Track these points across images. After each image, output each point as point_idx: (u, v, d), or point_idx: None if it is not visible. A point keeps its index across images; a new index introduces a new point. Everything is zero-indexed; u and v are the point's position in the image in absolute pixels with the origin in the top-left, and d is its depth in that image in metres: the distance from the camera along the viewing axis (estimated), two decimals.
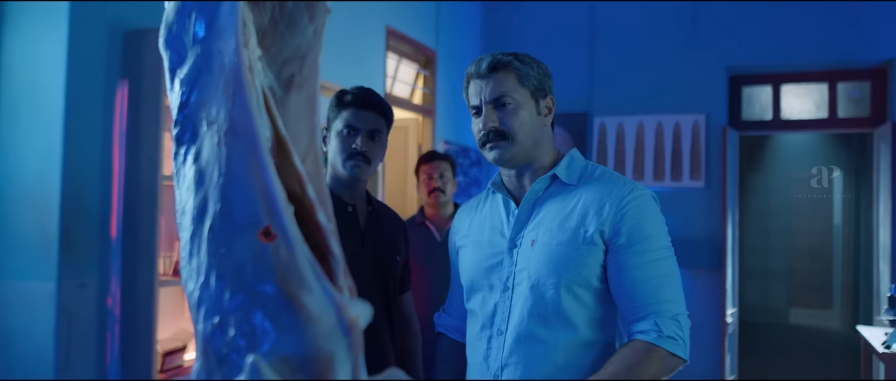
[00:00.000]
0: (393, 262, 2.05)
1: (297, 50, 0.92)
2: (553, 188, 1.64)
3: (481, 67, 1.61)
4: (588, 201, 1.58)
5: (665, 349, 1.47)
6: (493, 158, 1.61)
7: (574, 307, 1.55)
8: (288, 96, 0.93)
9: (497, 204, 1.72)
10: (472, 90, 1.63)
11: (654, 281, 1.51)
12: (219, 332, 0.79)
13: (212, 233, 0.82)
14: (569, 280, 1.54)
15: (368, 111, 1.93)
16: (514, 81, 1.60)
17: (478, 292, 1.67)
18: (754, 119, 5.99)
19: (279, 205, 0.78)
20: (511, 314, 1.59)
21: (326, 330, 0.74)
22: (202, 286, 0.81)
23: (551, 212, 1.60)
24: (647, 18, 5.89)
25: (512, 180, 1.68)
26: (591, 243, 1.54)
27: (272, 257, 0.77)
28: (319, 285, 0.75)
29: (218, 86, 0.83)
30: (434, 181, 3.46)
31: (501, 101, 1.59)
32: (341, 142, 1.91)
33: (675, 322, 1.50)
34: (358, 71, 4.52)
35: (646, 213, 1.56)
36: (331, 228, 0.84)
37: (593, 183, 1.61)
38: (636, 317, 1.51)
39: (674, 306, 1.52)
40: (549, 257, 1.55)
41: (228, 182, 0.81)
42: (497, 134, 1.59)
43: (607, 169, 1.67)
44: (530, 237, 1.60)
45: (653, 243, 1.54)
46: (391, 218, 2.13)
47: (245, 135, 0.81)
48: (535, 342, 1.56)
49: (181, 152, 0.88)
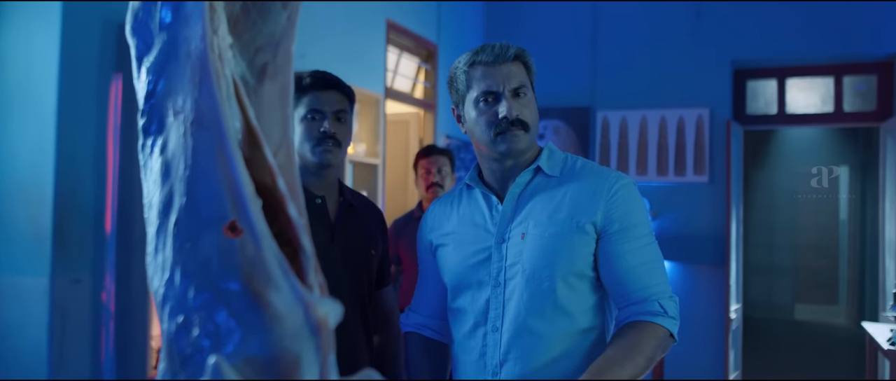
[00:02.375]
0: (366, 256, 1.95)
1: (271, 37, 0.88)
2: (537, 181, 1.63)
3: (506, 54, 1.59)
4: (577, 191, 1.59)
5: (667, 328, 1.51)
6: (507, 149, 1.59)
7: (570, 297, 1.56)
8: (261, 86, 0.89)
9: (476, 200, 1.70)
10: (483, 76, 1.59)
11: (647, 265, 1.55)
12: (183, 332, 0.75)
13: (177, 228, 0.78)
14: (564, 271, 1.54)
15: (331, 92, 1.85)
16: (525, 72, 1.62)
17: (466, 290, 1.65)
18: (759, 113, 5.93)
19: (246, 199, 0.74)
20: (505, 309, 1.57)
21: (293, 330, 0.70)
22: (167, 284, 0.78)
23: (539, 204, 1.60)
24: (651, 11, 5.84)
25: (497, 174, 1.66)
26: (583, 232, 1.55)
27: (238, 253, 0.73)
28: (287, 282, 0.72)
29: (184, 74, 0.80)
30: (432, 176, 3.42)
31: (520, 91, 1.59)
32: (307, 127, 1.83)
33: (673, 303, 1.54)
34: (358, 65, 4.48)
35: (633, 201, 1.59)
36: (302, 223, 0.80)
37: (578, 175, 1.62)
38: (635, 299, 1.53)
39: (667, 287, 1.56)
40: (542, 248, 1.55)
41: (194, 175, 0.78)
42: (519, 123, 1.57)
43: (587, 160, 1.68)
44: (519, 231, 1.59)
45: (641, 230, 1.57)
46: (366, 209, 2.03)
47: (212, 125, 0.77)
48: (533, 335, 1.55)
49: (148, 144, 0.85)
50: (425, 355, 1.78)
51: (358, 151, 4.37)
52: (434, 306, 1.78)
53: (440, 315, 1.78)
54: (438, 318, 1.78)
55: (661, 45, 5.79)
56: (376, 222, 2.06)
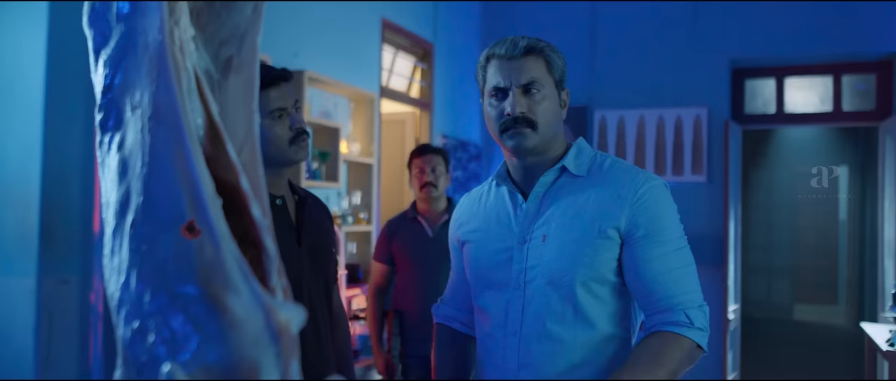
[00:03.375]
0: (330, 255, 1.91)
1: (235, 29, 0.84)
2: (562, 181, 1.57)
3: (516, 49, 1.53)
4: (602, 193, 1.53)
5: (693, 340, 1.45)
6: (513, 146, 1.54)
7: (591, 303, 1.51)
8: (226, 81, 0.86)
9: (502, 197, 1.65)
10: (496, 71, 1.55)
11: (675, 272, 1.48)
12: (138, 338, 0.72)
13: (134, 228, 0.75)
14: (585, 276, 1.49)
15: (285, 85, 1.78)
16: (543, 67, 1.54)
17: (487, 290, 1.61)
18: (757, 113, 5.90)
19: (205, 198, 0.71)
20: (525, 312, 1.53)
21: (253, 336, 0.67)
22: (123, 287, 0.74)
23: (563, 206, 1.54)
24: (649, 10, 5.80)
25: (519, 172, 1.61)
26: (606, 237, 1.49)
27: (195, 255, 0.70)
28: (247, 285, 0.68)
29: (142, 67, 0.76)
30: (426, 175, 3.38)
31: (531, 87, 1.53)
32: (277, 125, 1.75)
33: (701, 313, 1.48)
34: (352, 64, 4.45)
35: (662, 203, 1.52)
36: (266, 223, 0.76)
37: (605, 175, 1.56)
38: (661, 308, 1.48)
39: (697, 296, 1.49)
40: (563, 252, 1.50)
41: (152, 173, 0.74)
42: (524, 121, 1.51)
43: (617, 159, 1.61)
44: (541, 232, 1.54)
45: (670, 234, 1.51)
46: (319, 206, 1.97)
47: (170, 121, 0.74)
48: (553, 341, 1.51)
49: (105, 140, 0.81)
50: (452, 347, 1.77)
51: (352, 151, 4.34)
52: (463, 299, 1.77)
53: (469, 309, 1.75)
54: (468, 312, 1.76)
55: (659, 45, 5.75)
56: (328, 218, 2.01)
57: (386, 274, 3.45)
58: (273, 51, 3.64)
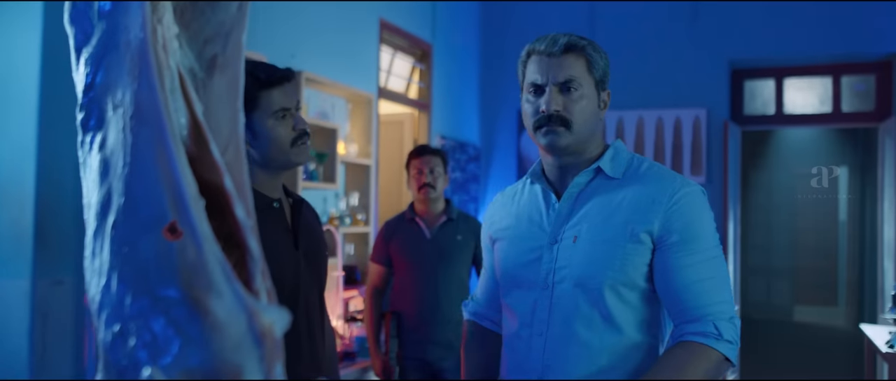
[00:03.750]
0: (323, 259, 1.90)
1: (220, 27, 0.83)
2: (597, 182, 1.55)
3: (555, 46, 1.51)
4: (636, 197, 1.50)
5: (721, 352, 1.42)
6: (547, 144, 1.52)
7: (619, 308, 1.48)
8: (210, 79, 0.84)
9: (536, 196, 1.63)
10: (535, 67, 1.53)
11: (707, 281, 1.45)
12: (119, 341, 0.70)
13: (115, 230, 0.73)
14: (614, 280, 1.46)
15: (288, 85, 1.76)
16: (583, 66, 1.51)
17: (516, 289, 1.59)
18: (757, 114, 5.88)
19: (187, 198, 0.69)
20: (552, 314, 1.51)
21: (235, 340, 0.65)
22: (103, 290, 0.73)
23: (595, 207, 1.52)
24: (647, 11, 5.79)
25: (554, 171, 1.59)
26: (638, 242, 1.47)
27: (177, 256, 0.68)
28: (229, 288, 0.67)
29: (123, 65, 0.75)
30: (424, 176, 3.36)
31: (569, 85, 1.50)
32: (279, 127, 1.72)
33: (731, 325, 1.44)
34: (350, 64, 4.43)
35: (698, 210, 1.49)
36: (250, 224, 0.75)
37: (641, 178, 1.53)
38: (690, 318, 1.45)
39: (728, 307, 1.46)
40: (593, 255, 1.48)
41: (133, 173, 0.72)
42: (559, 119, 1.49)
43: (654, 162, 1.59)
44: (572, 233, 1.51)
45: (705, 242, 1.47)
46: (310, 209, 1.96)
47: (152, 120, 0.72)
48: (579, 344, 1.49)
49: (87, 140, 0.79)
50: (482, 346, 1.76)
51: (350, 152, 4.32)
52: (494, 297, 1.75)
53: (499, 307, 1.73)
54: (498, 310, 1.75)
55: (658, 45, 5.73)
56: (318, 221, 1.99)
57: (383, 275, 3.44)
58: (269, 51, 3.63)
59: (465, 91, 5.98)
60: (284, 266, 1.71)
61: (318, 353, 1.83)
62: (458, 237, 3.35)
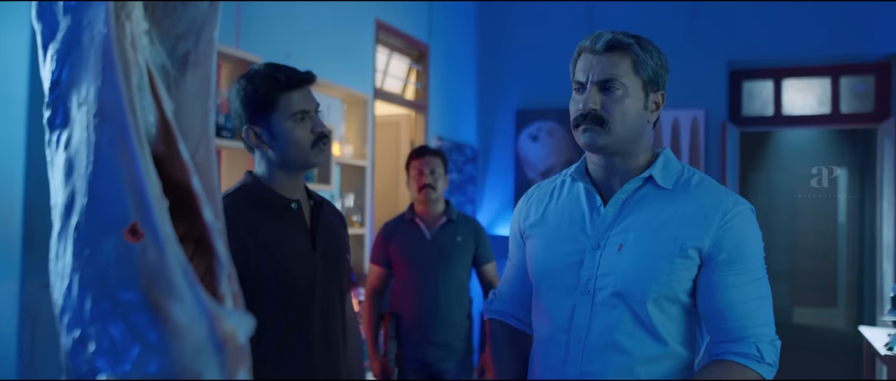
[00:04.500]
0: (344, 261, 1.91)
1: (192, 24, 0.81)
2: (646, 190, 1.52)
3: (598, 44, 1.48)
4: (688, 210, 1.47)
5: (761, 374, 1.42)
6: (585, 143, 1.49)
7: (662, 321, 1.46)
8: (183, 77, 0.82)
9: (578, 195, 1.58)
10: (581, 65, 1.51)
11: (752, 303, 1.44)
12: (79, 347, 0.68)
13: (78, 231, 0.71)
14: (658, 293, 1.44)
15: (308, 88, 1.79)
16: (628, 66, 1.47)
17: (552, 291, 1.55)
18: (755, 115, 5.85)
19: (150, 199, 0.67)
20: (592, 321, 1.48)
21: (195, 345, 0.63)
22: (65, 293, 0.71)
23: (643, 217, 1.49)
24: (645, 11, 5.77)
25: (600, 172, 1.55)
26: (685, 257, 1.44)
27: (138, 259, 0.66)
28: (191, 292, 0.65)
29: (88, 61, 0.73)
30: (425, 177, 3.34)
31: (609, 84, 1.46)
32: (298, 129, 1.75)
33: (773, 348, 1.44)
34: (345, 65, 4.41)
35: (749, 230, 1.47)
36: (217, 226, 0.73)
37: (693, 191, 1.50)
38: (732, 337, 1.44)
39: (770, 330, 1.45)
40: (639, 265, 1.45)
41: (96, 172, 0.70)
42: (595, 118, 1.46)
43: (704, 176, 1.55)
44: (618, 241, 1.48)
45: (753, 263, 1.46)
46: (334, 212, 1.98)
47: (115, 118, 0.70)
48: (619, 353, 1.46)
49: (53, 139, 0.77)
50: (511, 345, 1.72)
51: (345, 153, 4.30)
52: (520, 295, 1.72)
53: (526, 306, 1.70)
54: (524, 308, 1.72)
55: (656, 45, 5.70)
56: (342, 223, 2.01)
57: (382, 277, 3.42)
58: (264, 51, 3.61)
59: (462, 92, 5.96)
60: (300, 266, 1.74)
61: (335, 353, 1.83)
62: (458, 238, 3.33)
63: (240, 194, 1.79)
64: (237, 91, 1.78)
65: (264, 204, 1.77)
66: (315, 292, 1.77)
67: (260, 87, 1.74)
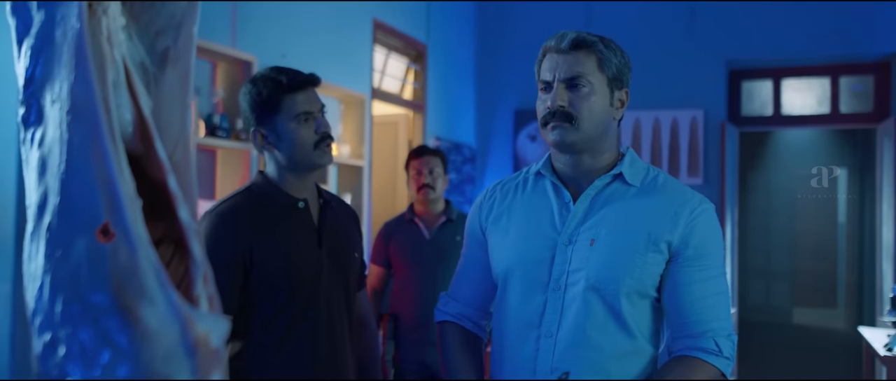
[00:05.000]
0: (352, 260, 1.93)
1: (171, 19, 0.79)
2: (615, 187, 1.54)
3: (563, 43, 1.51)
4: (657, 207, 1.51)
5: (719, 368, 1.46)
6: (554, 140, 1.50)
7: (633, 316, 1.49)
8: (163, 73, 0.80)
9: (545, 192, 1.59)
10: (546, 65, 1.54)
11: (712, 298, 1.49)
12: (50, 351, 0.66)
13: (50, 232, 0.69)
14: (630, 287, 1.48)
15: (312, 90, 1.83)
16: (593, 63, 1.50)
17: (521, 287, 1.55)
18: (754, 114, 5.84)
19: (122, 198, 0.65)
20: (563, 316, 1.49)
21: (166, 350, 0.61)
22: (37, 295, 0.69)
23: (614, 213, 1.51)
24: (644, 11, 5.75)
25: (567, 170, 1.57)
26: (657, 251, 1.48)
27: (109, 260, 0.64)
28: (163, 295, 0.63)
29: (61, 57, 0.71)
30: (423, 177, 3.32)
31: (576, 81, 1.49)
32: (302, 130, 1.78)
33: (730, 342, 1.48)
34: (342, 65, 4.39)
35: (713, 228, 1.52)
36: (194, 226, 0.71)
37: (660, 189, 1.54)
38: (692, 332, 1.48)
39: (728, 324, 1.50)
40: (611, 260, 1.48)
41: (69, 171, 0.68)
42: (563, 115, 1.48)
43: (669, 176, 1.60)
44: (589, 236, 1.50)
45: (714, 260, 1.51)
46: (345, 211, 2.00)
47: (87, 116, 0.68)
48: (590, 349, 1.48)
49: (28, 137, 0.75)
50: (468, 349, 1.67)
51: (342, 153, 4.28)
52: (479, 298, 1.70)
53: (482, 308, 1.70)
54: (480, 310, 1.70)
55: (655, 46, 5.69)
56: (354, 223, 2.03)
57: (382, 277, 3.41)
58: (260, 51, 3.59)
59: (460, 92, 5.94)
60: (304, 265, 1.77)
61: (341, 352, 1.84)
62: (457, 238, 3.31)
63: (248, 193, 1.83)
64: (244, 95, 1.83)
65: (272, 203, 1.81)
66: (319, 289, 1.79)
67: (264, 89, 1.78)
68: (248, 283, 1.72)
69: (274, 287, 1.73)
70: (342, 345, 1.85)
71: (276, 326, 1.74)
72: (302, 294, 1.76)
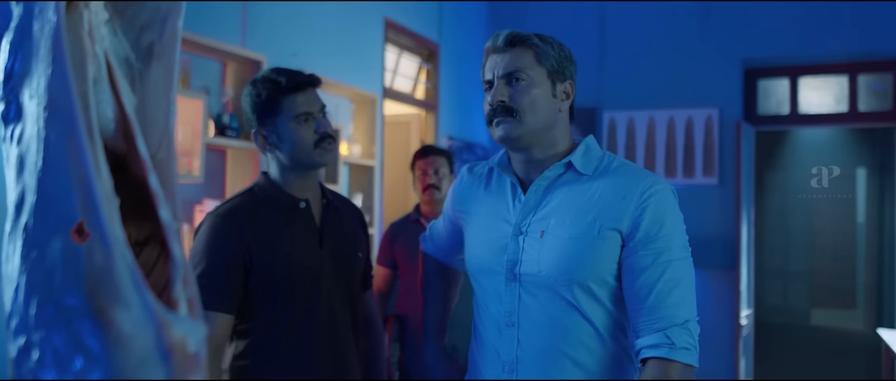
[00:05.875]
0: (354, 260, 1.93)
1: (156, 13, 0.77)
2: (567, 177, 1.55)
3: (498, 41, 1.54)
4: (607, 193, 1.50)
5: (680, 361, 1.44)
6: (499, 136, 1.53)
7: (588, 304, 1.49)
8: (148, 69, 0.78)
9: (503, 186, 1.63)
10: (488, 65, 1.57)
11: (667, 283, 1.46)
12: (24, 356, 0.64)
13: (26, 232, 0.67)
14: (583, 277, 1.47)
15: (312, 90, 1.84)
16: (531, 58, 1.53)
17: (484, 279, 1.62)
18: (771, 113, 5.76)
19: (97, 197, 0.63)
20: (522, 307, 1.52)
21: (139, 355, 0.59)
22: (13, 297, 0.67)
23: (564, 202, 1.52)
24: (659, 9, 5.69)
25: (520, 165, 1.60)
26: (607, 239, 1.48)
27: (84, 261, 0.62)
28: (138, 297, 0.60)
29: (39, 52, 0.69)
30: (429, 177, 3.29)
31: (515, 76, 1.52)
32: (302, 130, 1.78)
33: (685, 330, 1.45)
34: (353, 64, 4.38)
35: (665, 209, 1.49)
36: (175, 226, 0.68)
37: (612, 175, 1.53)
38: (645, 330, 1.47)
39: (683, 311, 1.46)
40: (561, 251, 1.48)
41: (46, 169, 0.66)
42: (504, 109, 1.50)
43: (625, 161, 1.60)
44: (539, 227, 1.52)
45: (670, 242, 1.48)
46: (349, 210, 2.00)
47: (64, 112, 0.66)
48: (551, 340, 1.50)
49: (7, 134, 0.73)
50: (443, 275, 1.93)
51: (353, 153, 4.26)
52: (448, 247, 1.87)
53: (451, 254, 1.89)
54: (450, 256, 1.90)
55: (670, 44, 5.63)
56: (359, 223, 2.02)
57: (388, 278, 3.38)
58: (270, 51, 3.58)
59: (472, 91, 5.91)
60: (304, 265, 1.77)
61: (345, 353, 1.84)
62: None
63: (250, 194, 1.84)
64: (245, 96, 1.84)
65: (274, 203, 1.81)
66: (320, 289, 1.79)
67: (263, 91, 1.79)
68: (248, 283, 1.72)
69: (274, 287, 1.73)
70: (346, 345, 1.85)
71: (277, 325, 1.74)
72: (302, 294, 1.76)
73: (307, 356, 1.75)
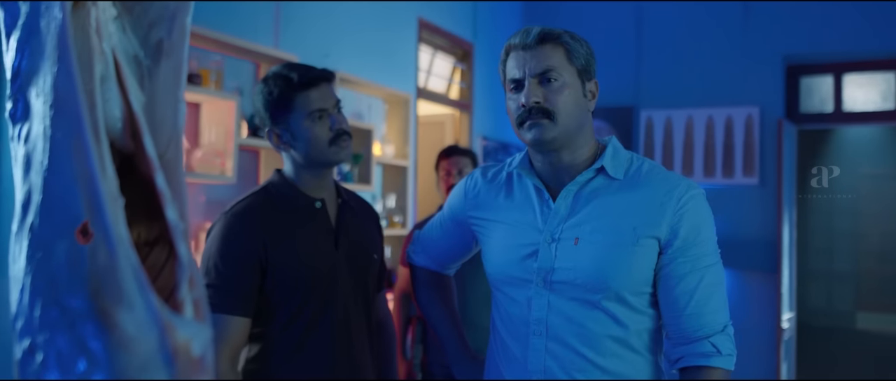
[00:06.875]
0: (371, 261, 1.89)
1: (164, 10, 0.75)
2: (597, 182, 1.50)
3: (528, 38, 1.47)
4: (642, 199, 1.46)
5: (723, 366, 1.44)
6: (532, 139, 1.45)
7: (624, 313, 1.45)
8: (157, 67, 0.77)
9: (527, 191, 1.56)
10: (513, 63, 1.49)
11: (706, 289, 1.45)
12: (29, 358, 0.63)
13: (32, 232, 0.66)
14: (619, 285, 1.43)
15: (326, 85, 1.77)
16: (562, 56, 1.46)
17: (509, 286, 1.55)
18: (813, 112, 5.62)
19: (102, 197, 0.62)
20: (551, 315, 1.47)
21: (143, 358, 0.57)
22: (18, 299, 0.66)
23: (598, 209, 1.47)
24: (697, 6, 5.59)
25: (546, 168, 1.52)
26: (644, 246, 1.44)
27: (88, 262, 0.61)
28: (142, 299, 0.59)
29: (45, 50, 0.68)
30: (453, 177, 3.27)
31: (548, 76, 1.45)
32: (316, 127, 1.73)
33: (726, 337, 1.45)
34: (387, 64, 4.37)
35: (702, 215, 1.47)
36: (182, 227, 0.67)
37: (645, 180, 1.49)
38: (688, 338, 1.45)
39: (722, 316, 1.46)
40: (598, 258, 1.43)
41: (51, 168, 0.65)
42: (540, 111, 1.43)
43: (653, 163, 1.54)
44: (573, 234, 1.46)
45: (706, 248, 1.46)
46: (365, 210, 1.96)
47: (69, 110, 0.65)
48: (580, 347, 1.46)
49: (15, 134, 0.72)
50: (443, 290, 1.85)
51: (386, 153, 4.26)
52: (442, 257, 1.81)
53: (445, 265, 1.83)
54: (443, 267, 1.83)
55: (708, 41, 5.52)
56: (374, 223, 1.99)
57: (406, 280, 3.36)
58: (302, 51, 3.58)
59: None
60: (320, 266, 1.73)
61: (360, 354, 1.81)
62: None
63: (263, 193, 1.79)
64: (257, 94, 1.79)
65: (288, 203, 1.77)
66: (336, 291, 1.76)
67: (275, 88, 1.74)
68: (264, 285, 1.69)
69: (290, 289, 1.70)
70: (361, 347, 1.82)
71: (295, 328, 1.71)
72: (319, 296, 1.72)
73: (323, 359, 1.73)
